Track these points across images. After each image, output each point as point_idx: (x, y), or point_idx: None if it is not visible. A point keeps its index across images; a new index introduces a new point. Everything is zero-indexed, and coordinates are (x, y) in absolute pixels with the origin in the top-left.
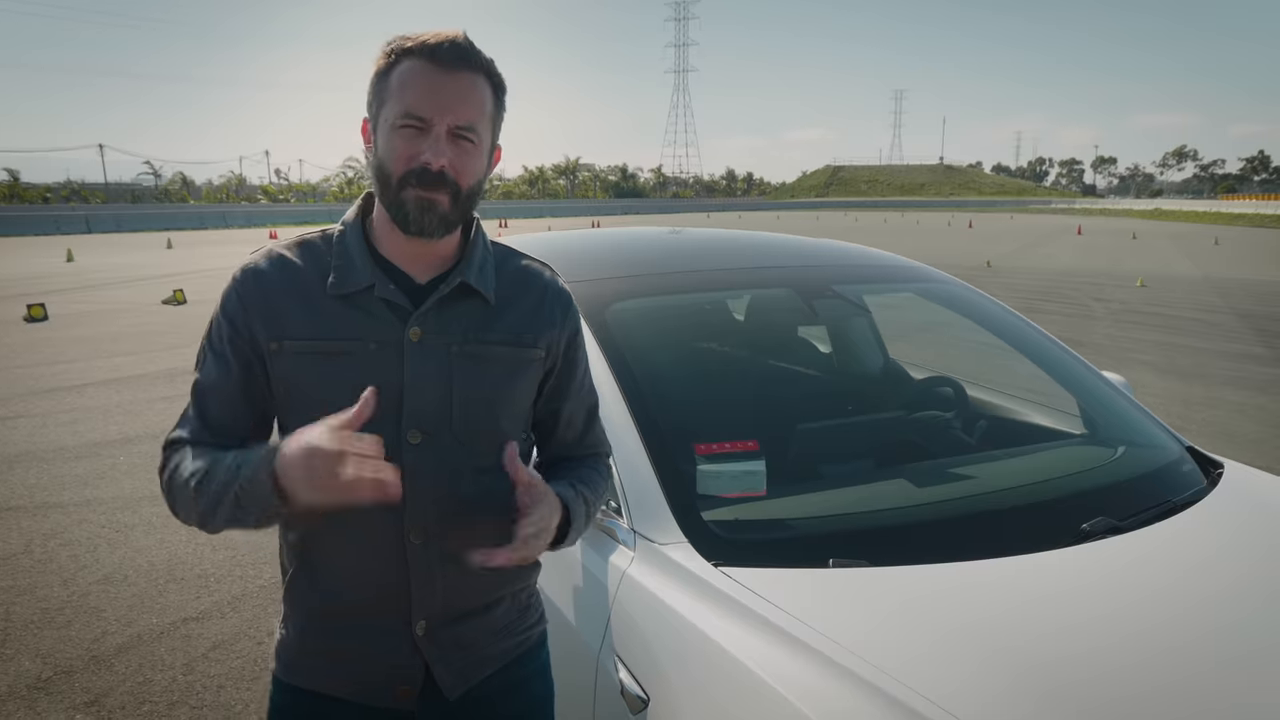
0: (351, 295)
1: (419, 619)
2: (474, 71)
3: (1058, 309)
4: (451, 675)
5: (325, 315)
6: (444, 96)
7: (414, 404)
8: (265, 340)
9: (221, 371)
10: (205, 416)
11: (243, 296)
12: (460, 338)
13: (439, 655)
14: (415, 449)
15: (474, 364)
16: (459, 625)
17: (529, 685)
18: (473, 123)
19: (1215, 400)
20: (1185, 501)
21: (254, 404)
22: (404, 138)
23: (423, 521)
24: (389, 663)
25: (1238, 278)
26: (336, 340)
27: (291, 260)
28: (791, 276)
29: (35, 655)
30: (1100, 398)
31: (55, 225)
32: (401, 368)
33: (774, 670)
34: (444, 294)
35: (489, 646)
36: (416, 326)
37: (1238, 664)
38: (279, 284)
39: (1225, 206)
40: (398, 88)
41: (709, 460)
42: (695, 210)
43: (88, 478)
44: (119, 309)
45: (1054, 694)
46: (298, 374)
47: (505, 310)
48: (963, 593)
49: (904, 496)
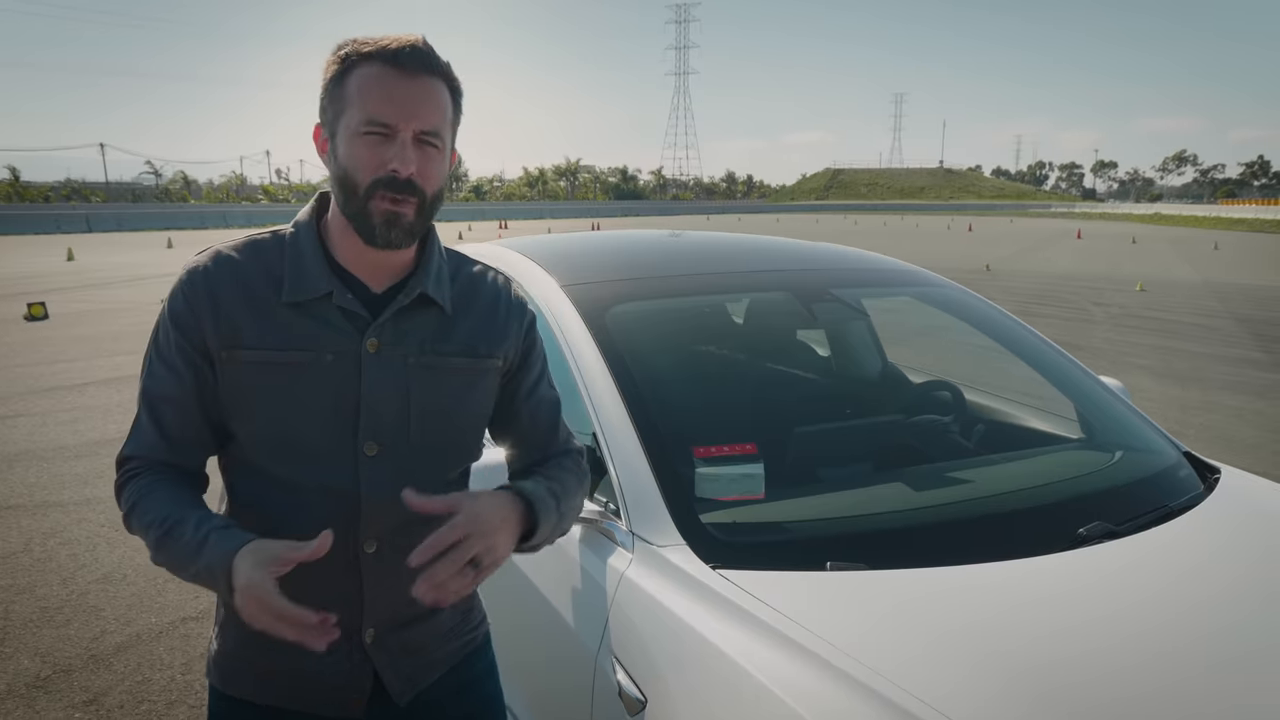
0: (306, 303)
1: (368, 627)
2: (434, 76)
3: (1056, 313)
4: (400, 681)
5: (279, 323)
6: (408, 103)
7: (371, 416)
8: (216, 348)
9: (173, 380)
10: (162, 429)
11: (190, 300)
12: (417, 349)
13: (388, 662)
14: (371, 460)
15: (431, 375)
16: (406, 631)
17: (478, 685)
18: (437, 128)
19: (1213, 405)
20: (1182, 507)
21: (209, 412)
22: (368, 145)
23: (377, 532)
24: (338, 671)
25: (1237, 283)
26: (292, 350)
27: (240, 262)
28: (790, 280)
29: (34, 654)
30: (1097, 402)
31: (56, 224)
32: (359, 379)
33: (771, 673)
34: (403, 305)
35: (436, 650)
36: (374, 337)
37: (1233, 668)
38: (228, 288)
39: (1225, 211)
40: (358, 94)
41: (707, 463)
42: (695, 212)
43: (87, 477)
44: (119, 308)
45: (1049, 697)
46: (250, 384)
47: (461, 320)
48: (959, 596)
49: (901, 500)
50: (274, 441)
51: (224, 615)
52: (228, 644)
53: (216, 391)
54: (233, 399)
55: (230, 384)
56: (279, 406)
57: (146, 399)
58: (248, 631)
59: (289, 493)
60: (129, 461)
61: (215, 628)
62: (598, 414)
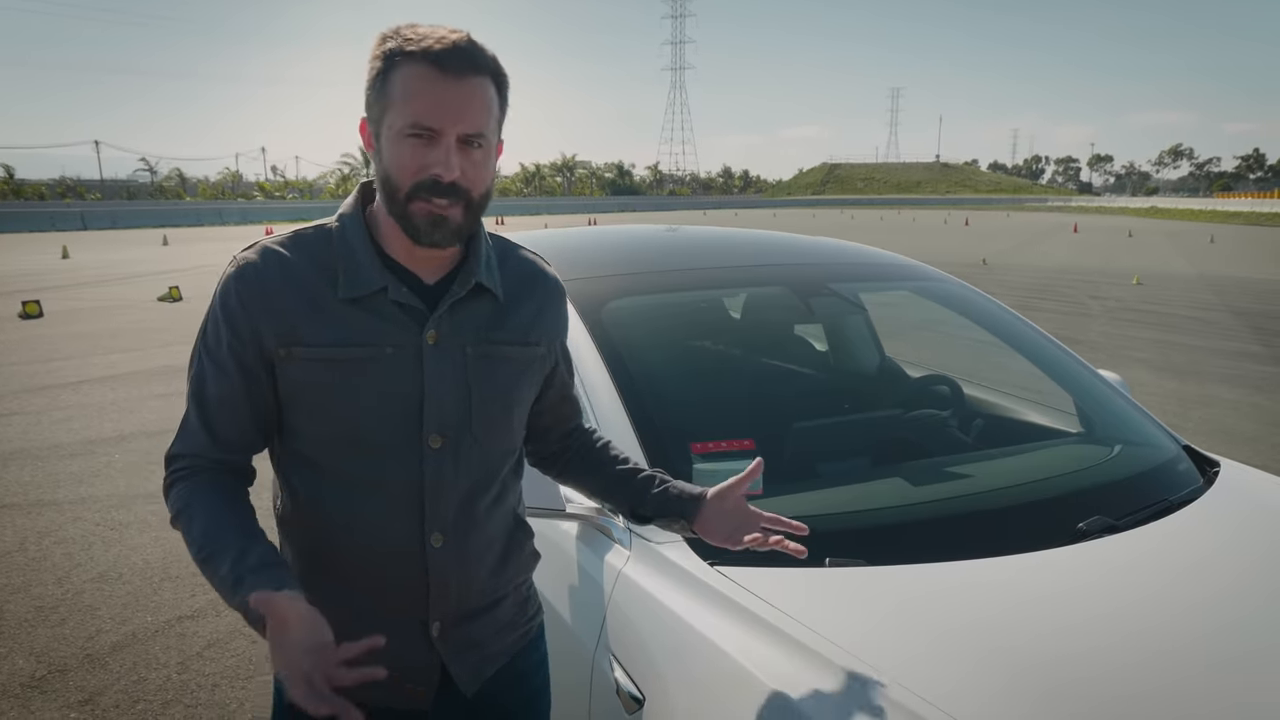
0: (363, 299)
1: (435, 620)
2: (480, 74)
3: (1054, 306)
4: (467, 673)
5: (338, 320)
6: (452, 105)
7: (434, 408)
8: (274, 346)
9: (223, 379)
10: (211, 429)
11: (243, 297)
12: (473, 338)
13: (454, 654)
14: (436, 453)
15: (488, 364)
16: (470, 623)
17: (530, 677)
18: (481, 129)
19: (1211, 398)
20: (1181, 500)
21: (260, 412)
22: (412, 148)
23: (443, 524)
24: (406, 664)
25: (1233, 275)
26: (352, 346)
27: (289, 258)
28: (788, 275)
29: (29, 653)
30: (1096, 396)
31: (51, 222)
32: (420, 372)
33: (770, 670)
34: (459, 296)
35: (497, 642)
36: (433, 329)
37: (1234, 664)
38: (280, 284)
39: (1221, 204)
40: (401, 95)
41: (704, 459)
42: (692, 208)
43: (82, 475)
44: (114, 306)
45: (1050, 693)
46: (311, 381)
47: (513, 308)
48: (959, 592)
49: (900, 495)
50: (337, 438)
51: None
52: None
53: (269, 390)
54: (293, 397)
55: (290, 382)
56: (341, 403)
57: (196, 397)
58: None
59: (353, 490)
60: (177, 460)
61: None
62: (594, 409)
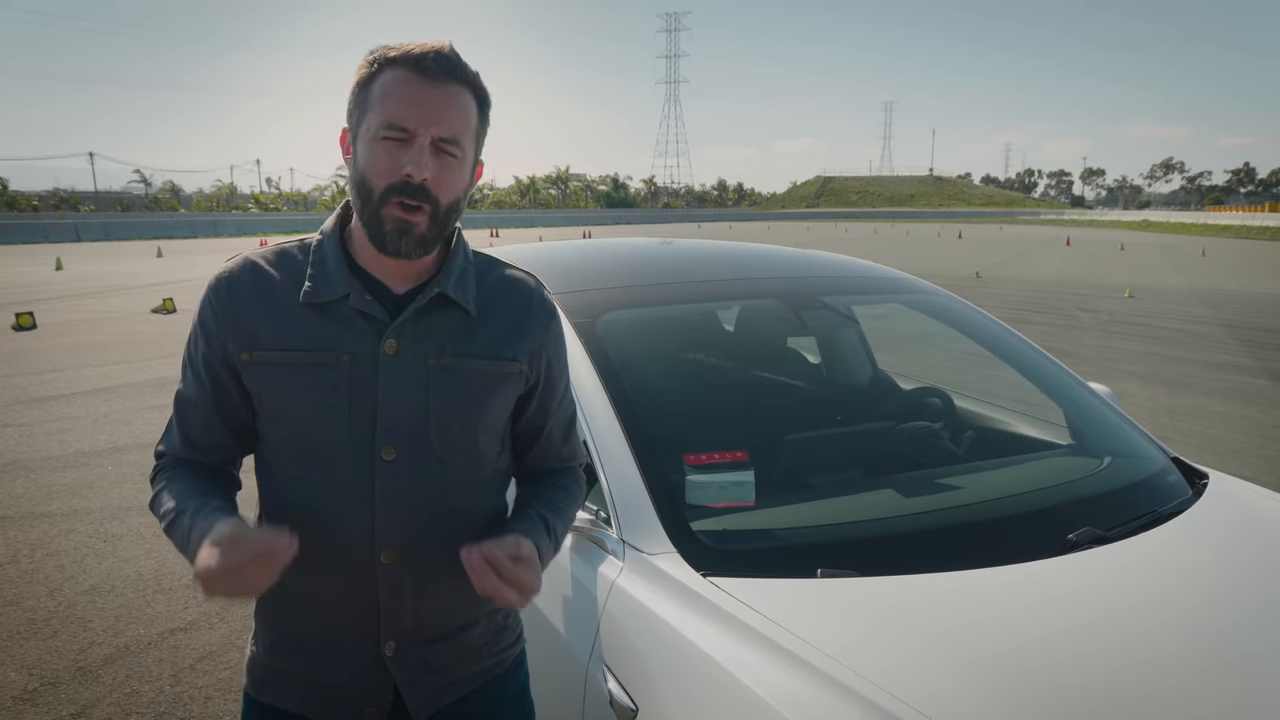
0: (325, 305)
1: (388, 640)
2: (459, 84)
3: (1046, 319)
4: (420, 698)
5: (297, 325)
6: (428, 108)
7: (389, 419)
8: (236, 351)
9: (197, 387)
10: (185, 432)
11: (215, 308)
12: (438, 350)
13: (408, 677)
14: (389, 465)
15: (451, 377)
16: (429, 647)
17: (504, 710)
18: (457, 135)
19: (1200, 410)
20: (1170, 512)
21: (229, 419)
22: (386, 149)
23: (395, 542)
24: (356, 683)
25: (1224, 289)
26: (309, 351)
27: (265, 269)
28: (780, 287)
29: (21, 666)
30: (1086, 408)
31: (44, 234)
32: (376, 381)
33: (762, 680)
34: (420, 305)
35: (460, 669)
36: (392, 339)
37: (1221, 674)
38: (251, 293)
39: (1212, 218)
40: (380, 97)
41: (698, 470)
42: (686, 220)
43: (75, 487)
44: (108, 318)
45: (1040, 703)
46: (270, 385)
47: (486, 322)
48: (949, 602)
49: (892, 507)
50: (290, 442)
51: (257, 619)
52: (258, 649)
53: (244, 399)
54: (257, 402)
55: (253, 387)
56: (295, 406)
57: (176, 402)
58: (275, 636)
59: (309, 498)
60: (161, 457)
61: (251, 632)
62: (588, 421)
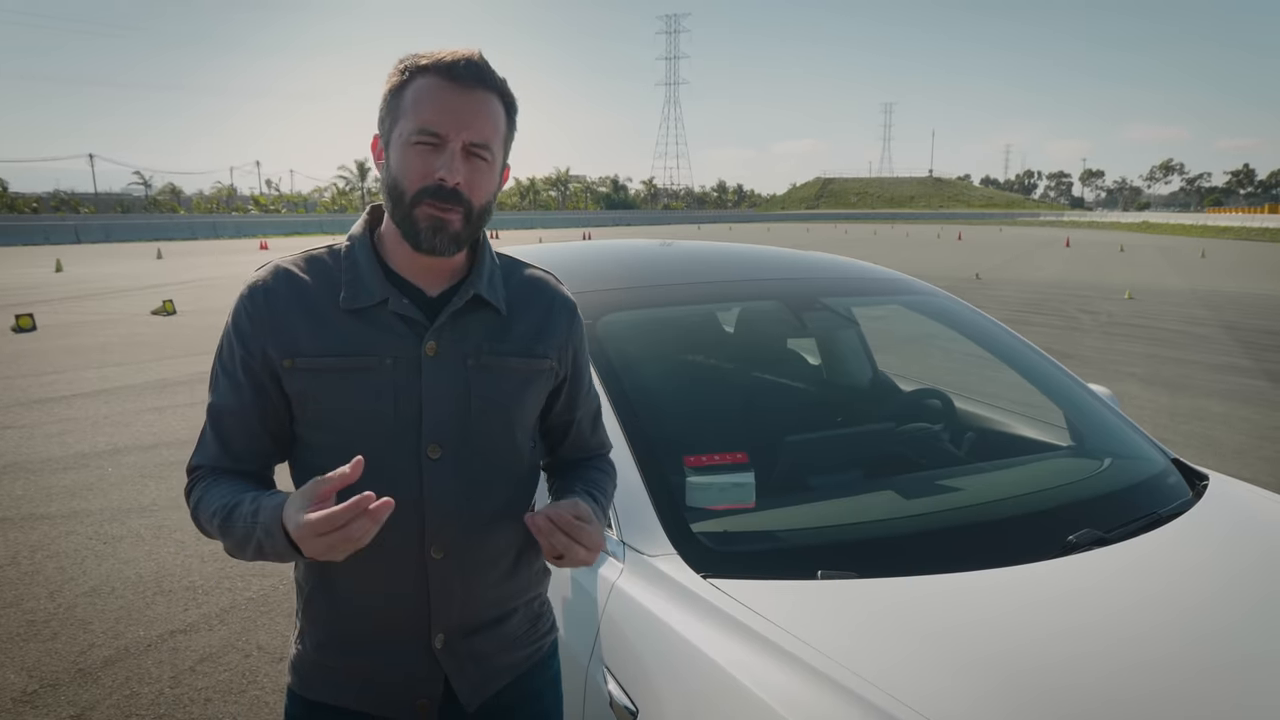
0: (364, 310)
1: (437, 632)
2: (489, 90)
3: (1046, 321)
4: (470, 687)
5: (338, 331)
6: (460, 113)
7: (433, 418)
8: (278, 358)
9: (236, 395)
10: (224, 441)
11: (251, 315)
12: (475, 350)
13: (457, 667)
14: (435, 464)
15: (489, 375)
16: (475, 637)
17: (542, 696)
18: (487, 140)
19: (1200, 412)
20: (1171, 513)
21: (270, 426)
22: (419, 154)
23: (443, 536)
24: (408, 676)
25: (1224, 290)
26: (352, 356)
27: (299, 275)
28: (780, 289)
29: (21, 668)
30: (1086, 410)
31: (44, 235)
32: (419, 382)
33: (763, 681)
34: (458, 307)
35: (504, 657)
36: (432, 340)
37: (1221, 675)
38: (288, 300)
39: (1212, 220)
40: (412, 104)
41: (698, 472)
42: (686, 222)
43: (75, 489)
44: (108, 319)
45: (1037, 703)
46: (313, 391)
47: (516, 321)
48: (949, 604)
49: (892, 508)
50: (340, 448)
51: (303, 619)
52: (306, 647)
53: (285, 405)
54: (299, 407)
55: (295, 393)
56: (341, 412)
57: (211, 412)
58: (324, 635)
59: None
60: (196, 470)
61: (295, 632)
62: None
